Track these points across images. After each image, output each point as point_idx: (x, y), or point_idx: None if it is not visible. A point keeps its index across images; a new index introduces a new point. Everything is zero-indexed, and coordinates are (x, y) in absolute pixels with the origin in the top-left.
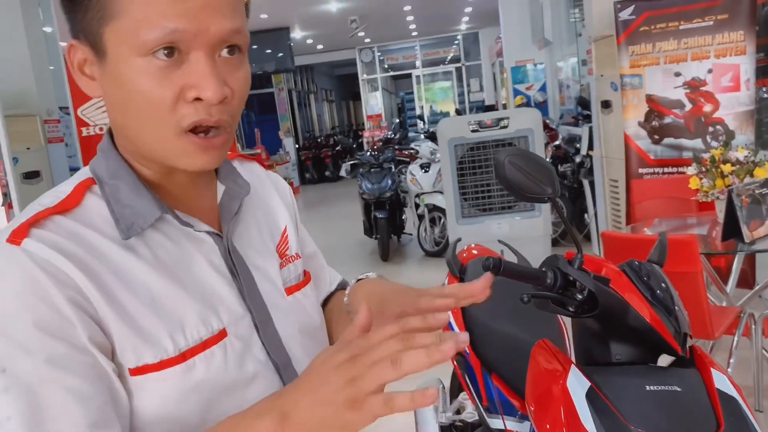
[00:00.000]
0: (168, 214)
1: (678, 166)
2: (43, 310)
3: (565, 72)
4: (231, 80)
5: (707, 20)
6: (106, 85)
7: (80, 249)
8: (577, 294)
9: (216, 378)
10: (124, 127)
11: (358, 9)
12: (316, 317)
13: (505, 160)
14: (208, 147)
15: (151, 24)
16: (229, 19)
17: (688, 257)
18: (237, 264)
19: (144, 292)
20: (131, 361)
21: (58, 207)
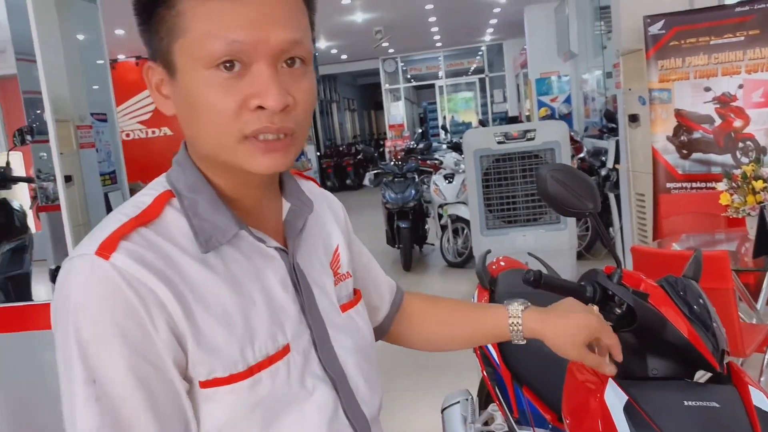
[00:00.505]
0: (244, 229)
1: (707, 181)
2: (129, 328)
3: (591, 84)
4: (293, 90)
5: (738, 35)
6: (178, 100)
7: (162, 263)
8: (616, 308)
9: (279, 392)
10: (195, 139)
11: (383, 20)
12: (368, 335)
13: (547, 174)
14: (269, 150)
15: (214, 37)
16: (289, 30)
17: (720, 273)
18: (300, 280)
19: (217, 307)
20: (202, 375)
21: (141, 218)
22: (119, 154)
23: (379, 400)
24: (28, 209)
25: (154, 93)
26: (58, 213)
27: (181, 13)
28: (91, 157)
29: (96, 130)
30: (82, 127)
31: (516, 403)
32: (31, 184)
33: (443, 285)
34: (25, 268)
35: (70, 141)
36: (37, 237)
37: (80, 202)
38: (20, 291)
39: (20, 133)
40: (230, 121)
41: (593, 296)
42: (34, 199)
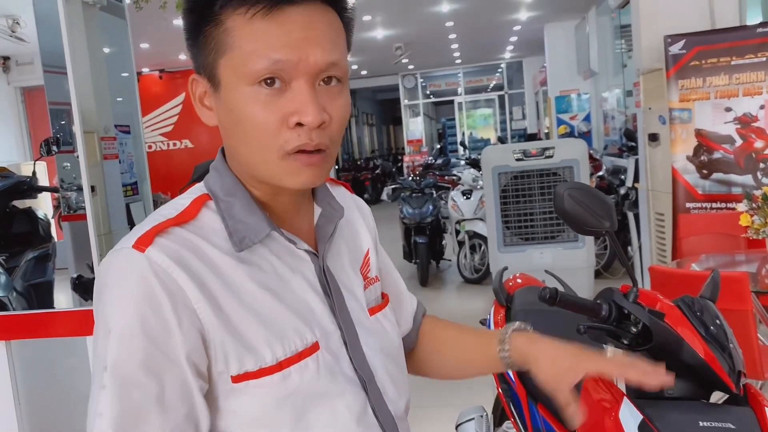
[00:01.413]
0: (276, 231)
1: (727, 201)
2: (151, 319)
3: (610, 102)
4: (330, 107)
5: (760, 56)
6: (220, 112)
7: (196, 260)
8: (632, 327)
9: (309, 388)
10: (236, 150)
11: (403, 36)
12: (395, 338)
13: (564, 193)
14: (309, 164)
15: (258, 55)
16: (328, 51)
17: (739, 294)
18: (330, 283)
19: (250, 303)
20: (234, 369)
21: (178, 218)
22: (143, 165)
23: (406, 401)
24: (51, 218)
25: (197, 104)
26: (80, 222)
27: (228, 31)
28: (114, 168)
29: (119, 142)
30: (106, 139)
31: (531, 420)
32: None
33: (459, 301)
34: (48, 276)
35: (95, 152)
36: (59, 246)
37: (102, 212)
38: (43, 299)
39: (47, 143)
40: (272, 137)
41: (609, 314)
42: (57, 208)
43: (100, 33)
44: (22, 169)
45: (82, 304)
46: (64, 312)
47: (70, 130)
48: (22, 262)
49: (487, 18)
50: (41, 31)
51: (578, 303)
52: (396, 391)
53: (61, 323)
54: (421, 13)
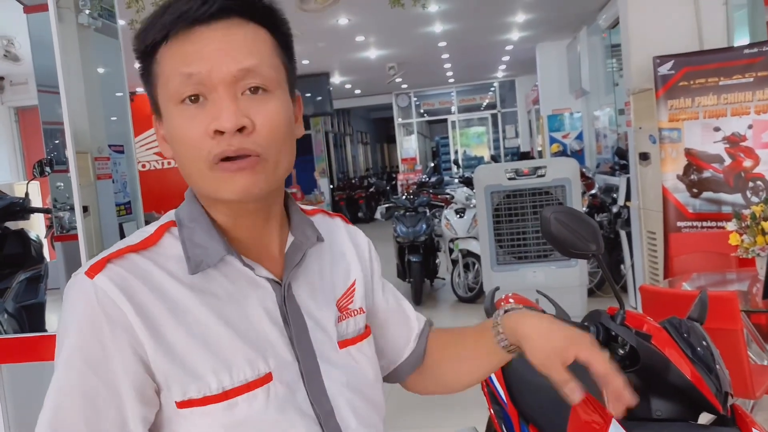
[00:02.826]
0: (232, 255)
1: (717, 220)
2: (91, 346)
3: (602, 121)
4: (253, 114)
5: (747, 77)
6: (169, 141)
7: (144, 287)
8: (619, 349)
9: (257, 419)
10: (183, 173)
11: (396, 56)
12: (369, 373)
13: (550, 216)
14: (238, 169)
15: (176, 73)
16: (241, 60)
17: (729, 314)
18: (291, 312)
19: (197, 331)
20: (178, 395)
21: (139, 245)
22: (135, 185)
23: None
24: (44, 238)
25: (160, 141)
26: (73, 243)
27: (157, 62)
28: (108, 188)
29: (113, 161)
30: (100, 159)
31: None
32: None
33: (453, 320)
34: (40, 297)
35: (88, 172)
36: (51, 266)
37: (95, 233)
38: (34, 320)
39: (40, 164)
40: (197, 149)
41: (596, 336)
42: (50, 228)
43: (94, 53)
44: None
45: None
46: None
47: (64, 150)
48: (14, 284)
49: (479, 38)
50: (36, 51)
51: None
52: (361, 427)
53: (53, 347)
54: (414, 33)
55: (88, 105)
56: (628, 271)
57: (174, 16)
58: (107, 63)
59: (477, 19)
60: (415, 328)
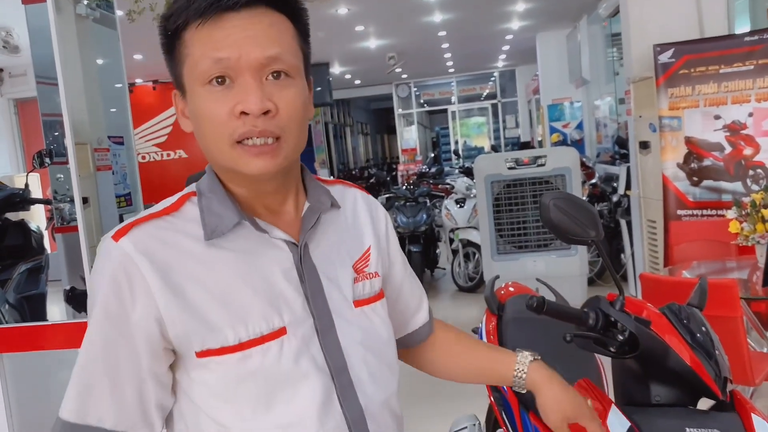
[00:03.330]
0: (246, 221)
1: (717, 208)
2: (112, 303)
3: (603, 110)
4: (276, 98)
5: (748, 64)
6: (191, 117)
7: (164, 249)
8: (619, 335)
9: (270, 369)
10: (204, 148)
11: (396, 46)
12: (383, 333)
13: (550, 203)
14: (259, 153)
15: (205, 57)
16: (267, 47)
17: (728, 301)
18: (306, 271)
19: (215, 288)
20: (197, 346)
21: (160, 212)
22: (135, 176)
23: (385, 397)
24: (44, 230)
25: (179, 115)
26: (74, 234)
27: (184, 43)
28: (108, 179)
29: (113, 153)
30: (100, 150)
31: (522, 428)
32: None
33: (454, 309)
34: (41, 288)
35: (88, 163)
36: (52, 257)
37: (96, 224)
38: (35, 311)
39: (39, 155)
40: (222, 127)
41: (596, 323)
42: (50, 220)
43: (92, 45)
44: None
45: (75, 316)
46: (56, 324)
47: (63, 141)
48: (15, 275)
49: (479, 27)
50: (34, 42)
51: (565, 312)
52: (373, 383)
53: (54, 336)
54: (413, 23)
55: (87, 96)
56: (629, 260)
57: (208, 2)
58: (106, 54)
59: (477, 9)
60: (426, 301)
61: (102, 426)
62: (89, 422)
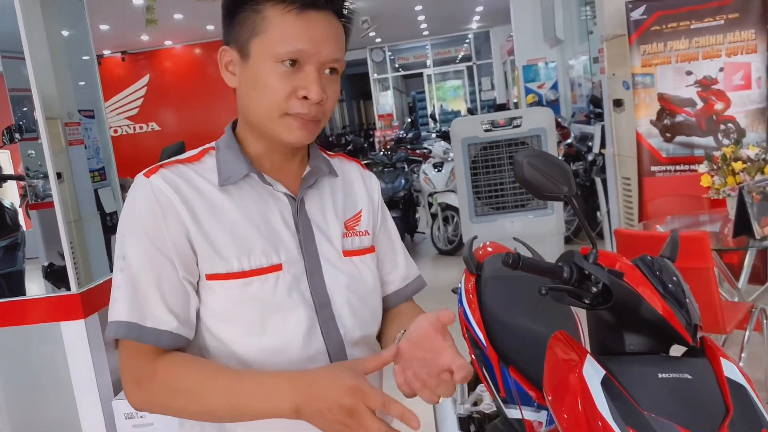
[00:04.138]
0: (254, 173)
1: (690, 163)
2: (148, 223)
3: (577, 70)
4: (328, 90)
5: (718, 19)
6: (244, 79)
7: (188, 186)
8: (593, 287)
9: (266, 296)
10: (248, 108)
11: (369, 9)
12: (369, 280)
13: (523, 160)
14: (303, 126)
15: (285, 41)
16: (336, 49)
17: (700, 253)
18: (301, 221)
19: (227, 224)
20: (207, 269)
21: (184, 160)
22: (109, 150)
23: (364, 333)
24: (18, 207)
25: (223, 69)
26: (49, 210)
27: (265, 19)
28: (80, 153)
29: (84, 127)
30: (71, 124)
31: (503, 383)
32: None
33: (435, 272)
34: (18, 265)
35: (59, 138)
36: (27, 235)
37: (71, 199)
38: (14, 288)
39: (9, 131)
40: (280, 100)
41: (570, 276)
42: (24, 197)
43: (57, 16)
44: None
45: (54, 292)
46: (36, 299)
47: (32, 116)
48: None
49: None
50: None
51: (540, 266)
52: (354, 320)
53: (34, 310)
54: None
55: (55, 70)
56: (604, 217)
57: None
58: (71, 25)
59: None
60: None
61: (158, 327)
62: (146, 323)
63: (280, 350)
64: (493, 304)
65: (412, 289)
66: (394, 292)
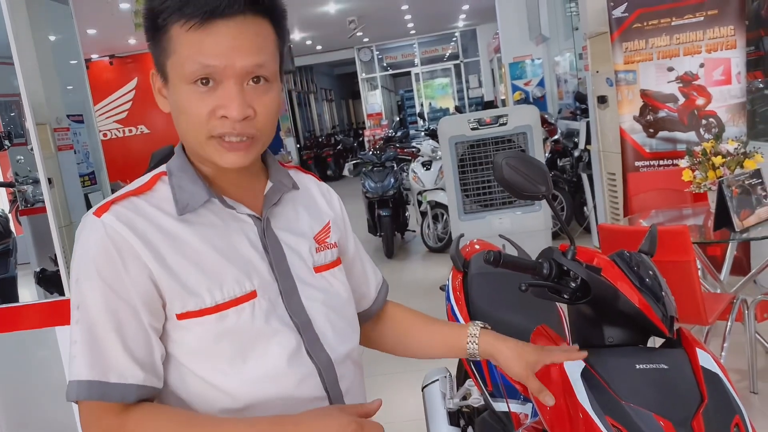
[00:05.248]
0: (215, 198)
1: (673, 158)
2: (104, 268)
3: (563, 66)
4: (256, 103)
5: (698, 16)
6: (171, 103)
7: (144, 222)
8: (571, 282)
9: (244, 327)
10: (180, 132)
11: (356, 9)
12: (342, 293)
13: (502, 162)
14: (232, 149)
15: (192, 60)
16: (252, 56)
17: (681, 247)
18: (270, 241)
19: (192, 257)
20: (178, 308)
21: (134, 191)
22: (99, 154)
23: (349, 348)
24: (8, 213)
25: (156, 94)
26: (39, 216)
27: (170, 39)
28: (70, 158)
29: (73, 132)
30: (59, 130)
31: (490, 377)
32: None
33: (425, 270)
34: (11, 271)
35: (49, 144)
36: (18, 240)
37: (61, 204)
38: (6, 294)
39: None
40: (201, 123)
41: (549, 272)
42: (13, 203)
43: (44, 21)
44: None
45: (47, 297)
46: (29, 305)
47: (21, 122)
48: None
49: None
50: None
51: (520, 263)
52: (336, 337)
53: (27, 316)
54: None
55: (43, 75)
56: (591, 212)
57: (202, 8)
58: (58, 30)
59: None
60: (372, 286)
61: (123, 381)
62: (110, 379)
63: (266, 378)
64: (480, 300)
65: (384, 293)
66: (373, 303)
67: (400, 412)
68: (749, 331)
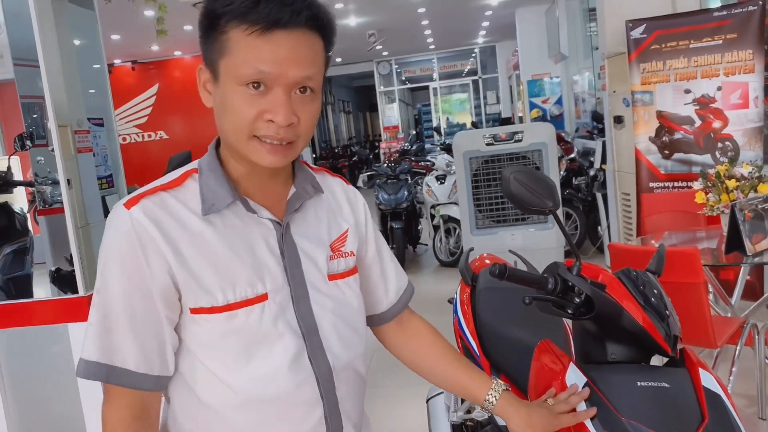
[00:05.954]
0: (239, 201)
1: (687, 180)
2: (126, 258)
3: (581, 85)
4: (300, 111)
5: (717, 39)
6: (216, 99)
7: (169, 218)
8: (575, 298)
9: (251, 328)
10: (222, 128)
11: (376, 23)
12: (354, 303)
13: (510, 176)
14: (272, 151)
15: (249, 64)
16: (304, 68)
17: (691, 268)
18: (287, 247)
19: (210, 256)
20: (191, 303)
21: (165, 186)
22: (117, 158)
23: (352, 357)
24: (27, 212)
25: (201, 88)
26: (57, 216)
27: (229, 40)
28: (89, 161)
29: (93, 135)
30: (80, 132)
31: None
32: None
33: (436, 284)
34: (27, 269)
35: (69, 146)
36: (35, 240)
37: (78, 206)
38: (22, 292)
39: (20, 138)
40: (247, 124)
41: (554, 287)
42: (32, 203)
43: (69, 25)
44: None
45: (61, 295)
46: (44, 301)
47: (43, 123)
48: (0, 257)
49: (459, 3)
50: (10, 24)
51: (525, 277)
52: (341, 345)
53: (42, 312)
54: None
55: (66, 78)
56: (605, 231)
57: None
58: (83, 35)
59: None
60: (392, 289)
61: (125, 367)
62: (114, 363)
63: (267, 379)
64: (487, 314)
65: (407, 297)
66: (393, 306)
67: (404, 424)
68: (759, 356)
